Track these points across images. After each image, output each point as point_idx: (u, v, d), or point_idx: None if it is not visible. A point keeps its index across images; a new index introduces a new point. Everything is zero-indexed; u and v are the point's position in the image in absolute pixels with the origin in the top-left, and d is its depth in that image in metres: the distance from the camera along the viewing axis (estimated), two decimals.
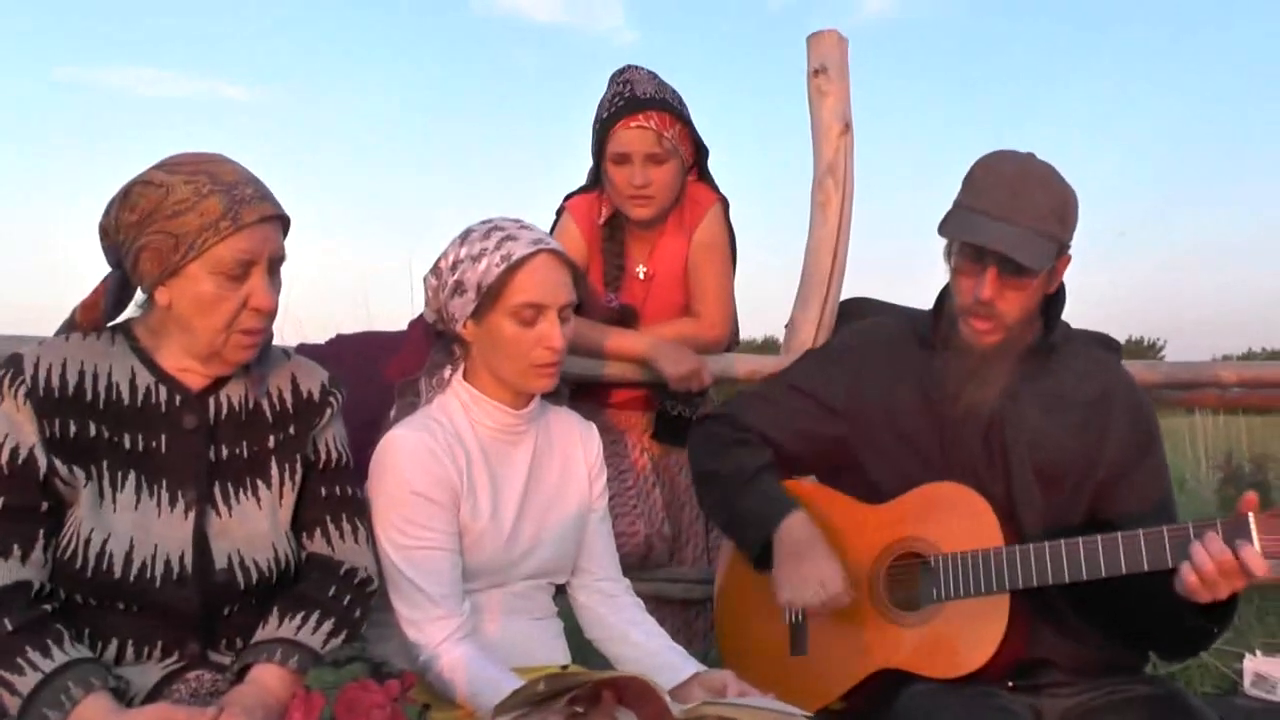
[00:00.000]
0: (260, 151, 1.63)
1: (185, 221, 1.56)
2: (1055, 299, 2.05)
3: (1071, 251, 2.00)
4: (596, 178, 2.74)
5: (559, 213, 2.80)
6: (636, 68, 2.68)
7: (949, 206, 2.00)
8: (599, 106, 2.66)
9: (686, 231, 2.74)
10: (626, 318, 2.70)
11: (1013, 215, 1.89)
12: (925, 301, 2.22)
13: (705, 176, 2.79)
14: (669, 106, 2.61)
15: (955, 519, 1.98)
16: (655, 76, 2.66)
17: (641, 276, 2.76)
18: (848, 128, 2.79)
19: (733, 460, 2.16)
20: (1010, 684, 1.94)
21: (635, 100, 2.59)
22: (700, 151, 2.74)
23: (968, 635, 1.92)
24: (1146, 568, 1.79)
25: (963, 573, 1.93)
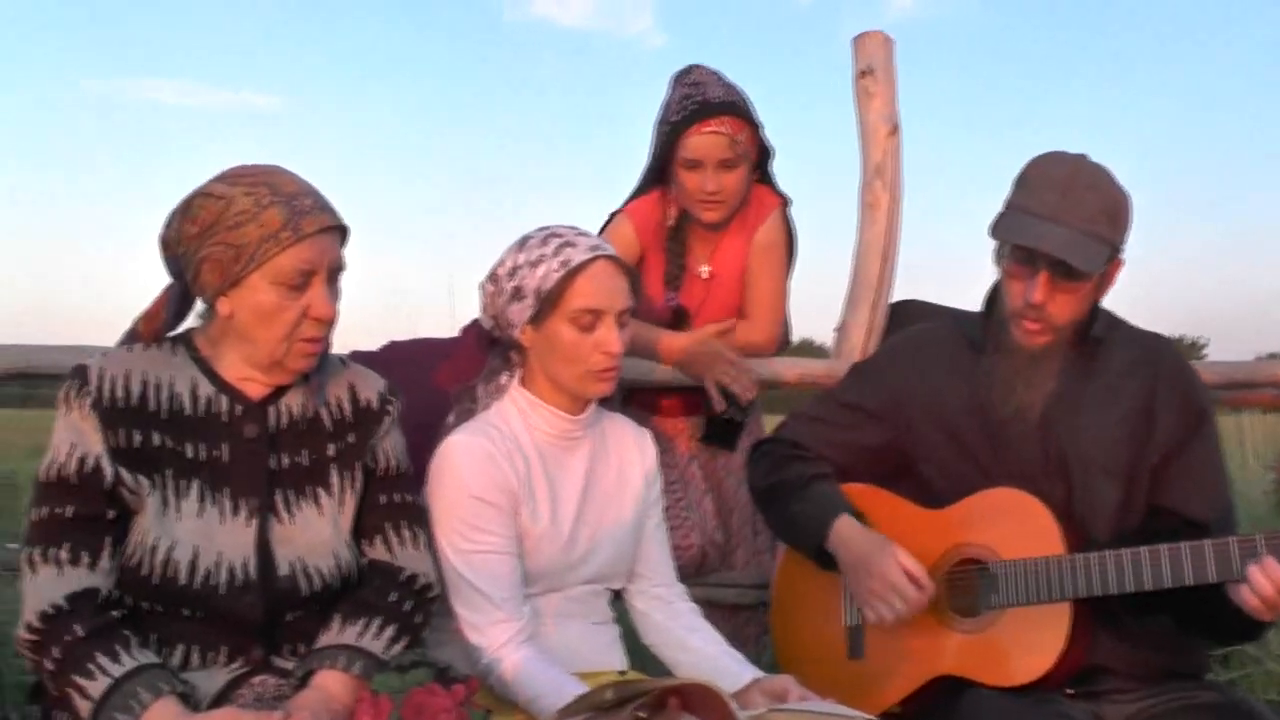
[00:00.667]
0: (292, 160, 1.65)
1: (246, 233, 1.57)
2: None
3: (1124, 256, 1.98)
4: (657, 178, 2.72)
5: (612, 215, 2.79)
6: (702, 67, 2.65)
7: (1000, 208, 1.98)
8: (665, 108, 2.64)
9: (748, 232, 2.73)
10: (679, 320, 2.70)
11: (1064, 217, 1.87)
12: (974, 303, 2.22)
13: (767, 177, 2.77)
14: (739, 110, 2.59)
15: (1014, 525, 1.97)
16: (722, 77, 2.64)
17: (704, 276, 2.75)
18: (895, 129, 2.78)
19: (789, 472, 2.16)
20: (1070, 691, 1.92)
21: (708, 105, 2.57)
22: (764, 152, 2.72)
23: (1028, 643, 1.90)
24: (1214, 579, 1.78)
25: (1024, 580, 1.92)
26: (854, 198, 2.83)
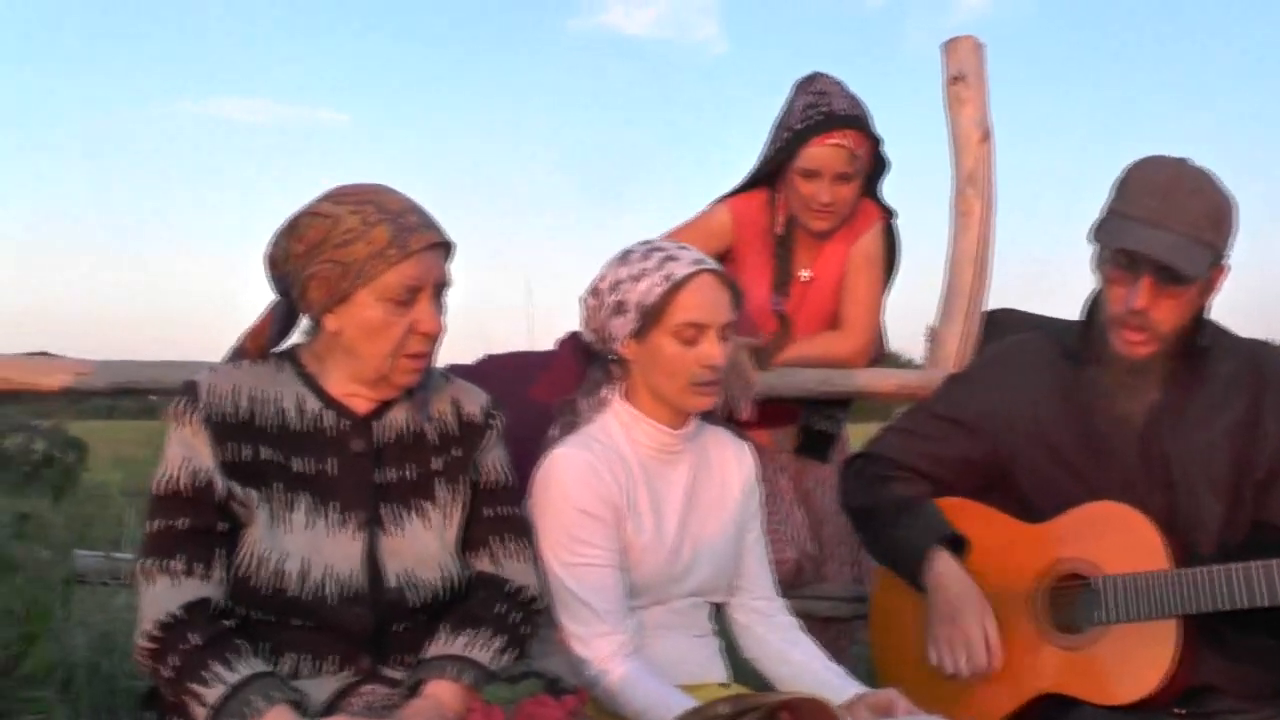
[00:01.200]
0: (361, 175, 1.68)
1: (353, 250, 1.60)
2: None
3: (1228, 263, 1.94)
4: (766, 179, 2.72)
5: (714, 203, 2.79)
6: (826, 76, 2.65)
7: (1099, 213, 1.95)
8: (788, 114, 2.64)
9: (850, 241, 2.72)
10: (783, 325, 2.70)
11: (1167, 221, 1.84)
12: (1071, 311, 2.19)
13: (873, 190, 2.76)
14: (862, 124, 2.59)
15: (1117, 539, 1.93)
16: (845, 88, 2.63)
17: (804, 279, 2.75)
18: (987, 135, 2.76)
19: (884, 493, 2.15)
20: (1178, 710, 1.88)
21: (833, 117, 2.56)
22: (877, 165, 2.72)
23: (1135, 660, 1.87)
24: None
25: (1130, 595, 1.88)
26: (937, 207, 2.82)
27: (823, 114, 2.56)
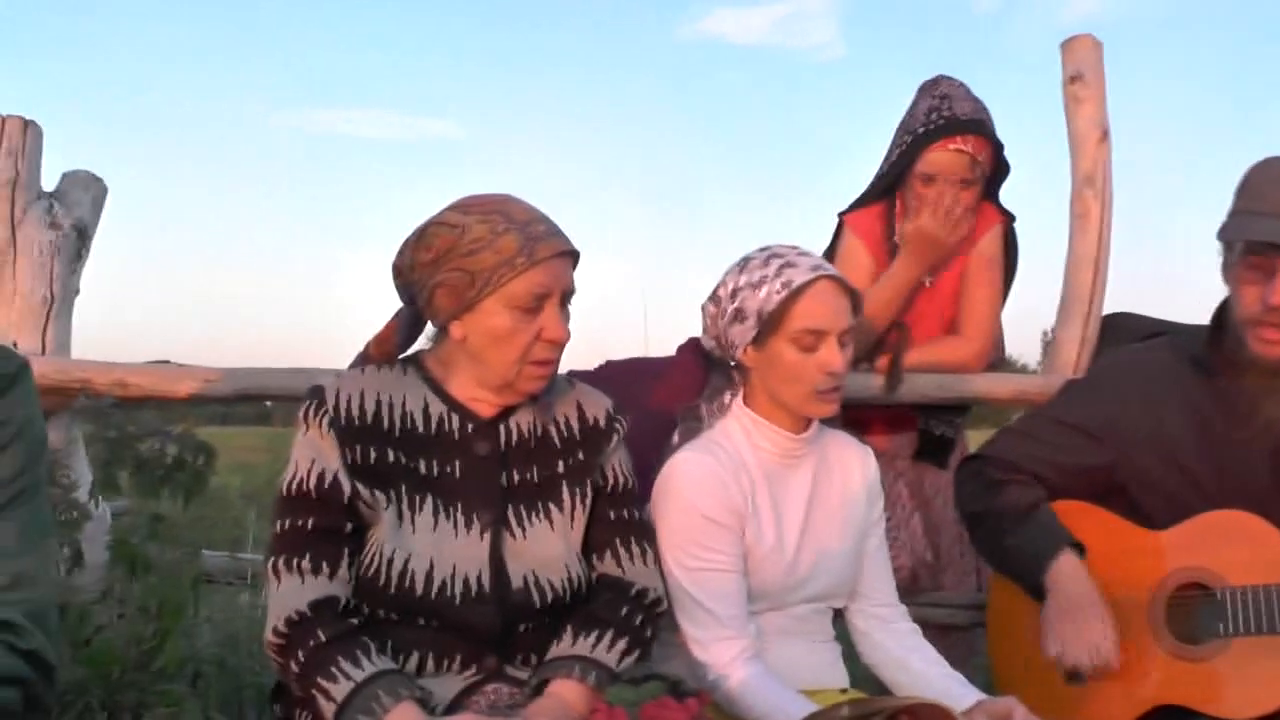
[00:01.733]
0: (475, 185, 1.70)
1: (482, 259, 1.63)
2: None
3: None
4: (888, 186, 2.70)
5: (838, 229, 2.79)
6: (950, 79, 2.64)
7: (1225, 217, 1.91)
8: (910, 117, 2.64)
9: (968, 245, 2.70)
10: (901, 334, 2.68)
11: None
12: (1191, 315, 2.14)
13: (992, 194, 2.73)
14: (985, 129, 2.57)
15: (1242, 549, 1.89)
16: (969, 91, 2.62)
17: (928, 284, 2.72)
18: (1105, 135, 2.71)
19: (1001, 498, 2.12)
20: None
21: (955, 121, 2.55)
22: (999, 169, 2.69)
23: (1259, 675, 1.83)
24: None
25: (1256, 607, 1.84)
26: (1051, 209, 2.79)
27: (945, 118, 2.55)
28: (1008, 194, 2.74)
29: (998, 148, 2.62)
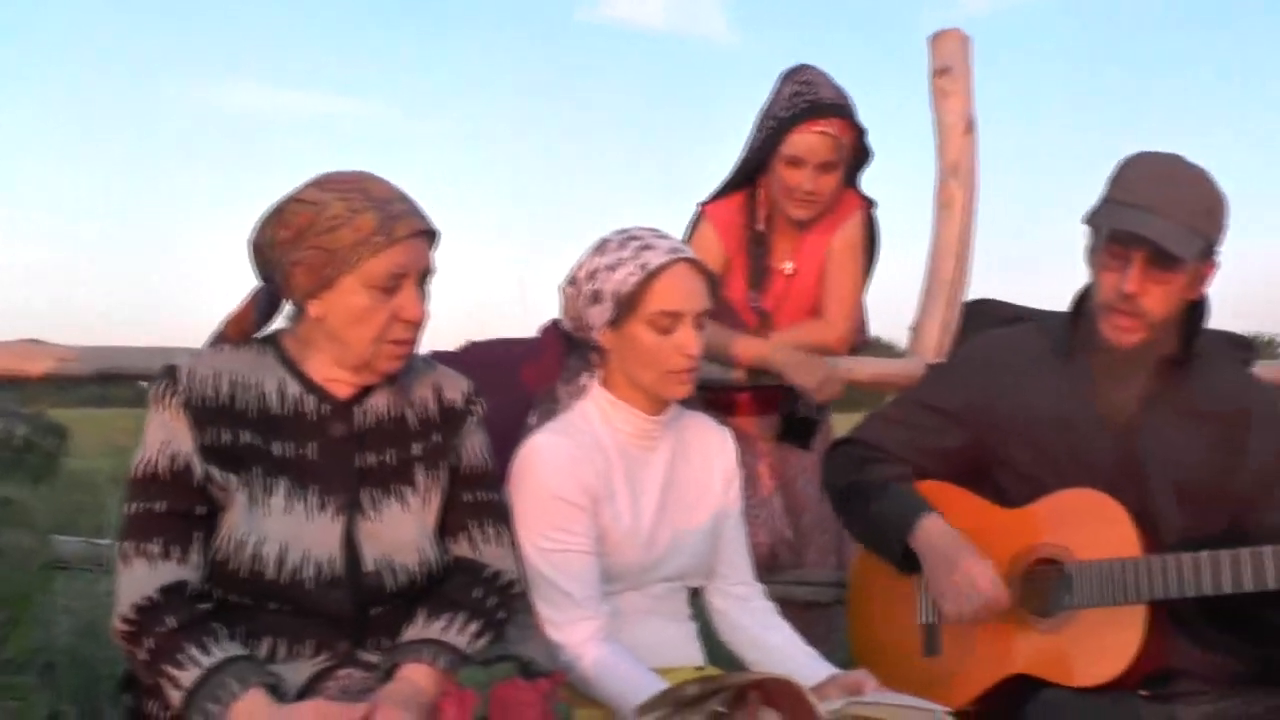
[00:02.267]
0: (361, 161, 1.69)
1: (339, 236, 1.60)
2: (1197, 310, 2.01)
3: (1218, 259, 1.96)
4: (750, 173, 2.72)
5: (696, 218, 2.81)
6: (813, 67, 2.66)
7: (1095, 203, 1.97)
8: (772, 103, 2.65)
9: (831, 231, 2.73)
10: (763, 321, 2.70)
11: (1160, 207, 1.87)
12: (1052, 302, 2.20)
13: (852, 180, 2.78)
14: (848, 113, 2.60)
15: (1093, 526, 1.96)
16: (831, 79, 2.64)
17: (788, 272, 2.75)
18: (971, 127, 2.77)
19: (867, 472, 2.17)
20: (1144, 693, 1.91)
21: (819, 105, 2.57)
22: (859, 156, 2.73)
23: (1104, 643, 1.90)
24: None
25: (1101, 581, 1.91)
26: (928, 196, 2.82)
27: (809, 101, 2.57)
28: (878, 181, 2.79)
29: (860, 133, 2.66)
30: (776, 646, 1.96)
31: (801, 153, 2.58)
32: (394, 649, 1.65)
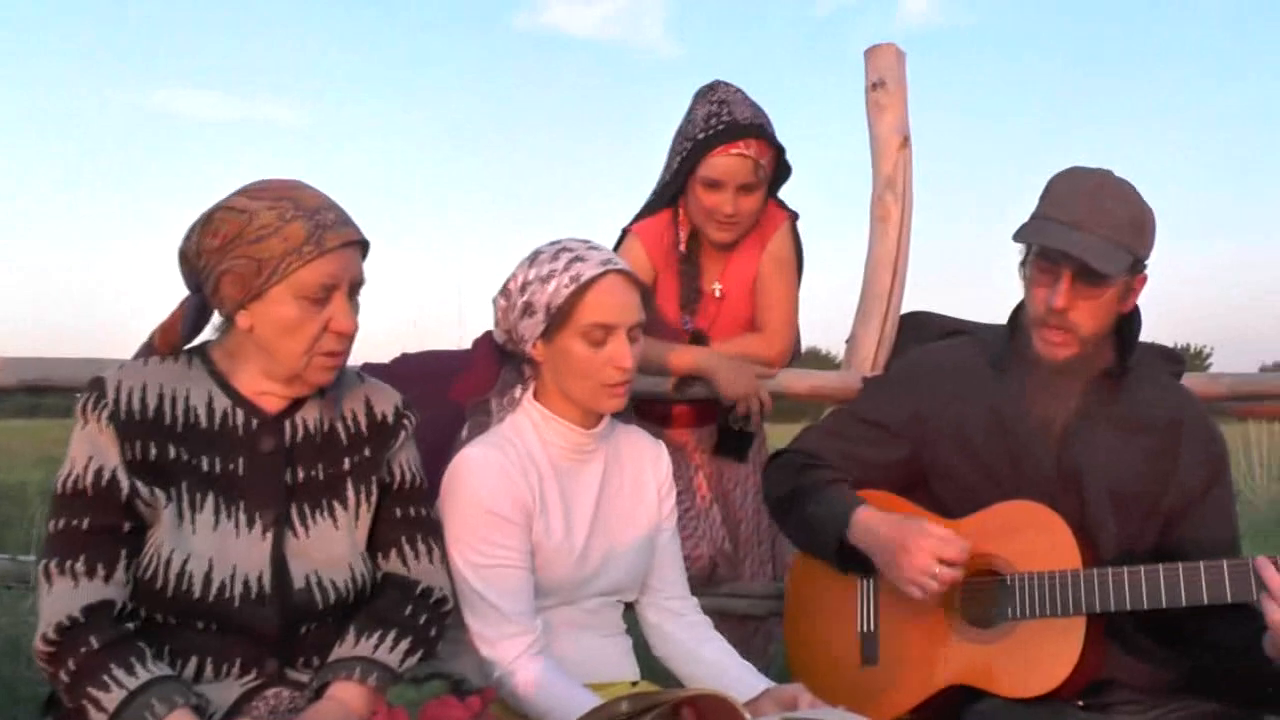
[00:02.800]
0: (298, 170, 1.66)
1: (269, 246, 1.58)
2: (1130, 323, 2.04)
3: (1148, 273, 1.99)
4: (672, 195, 2.70)
5: (623, 235, 2.78)
6: (727, 85, 2.64)
7: (1026, 219, 2.00)
8: (689, 123, 2.63)
9: (758, 248, 2.72)
10: (698, 342, 2.69)
11: (1087, 223, 1.90)
12: (987, 315, 2.21)
13: (773, 192, 2.77)
14: (765, 133, 2.58)
15: (1033, 538, 1.97)
16: (746, 96, 2.62)
17: (717, 294, 2.74)
18: (906, 141, 2.78)
19: (805, 478, 2.17)
20: (1080, 703, 1.93)
21: (735, 126, 2.54)
22: (780, 171, 2.72)
23: (1043, 655, 1.91)
24: (1230, 599, 1.79)
25: (1041, 593, 1.93)
26: (864, 209, 2.83)
27: (725, 123, 2.55)
28: (814, 194, 2.78)
29: (779, 151, 2.66)
30: (711, 660, 1.96)
31: (719, 175, 2.56)
32: (324, 667, 1.63)
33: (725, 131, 2.54)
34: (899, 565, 1.96)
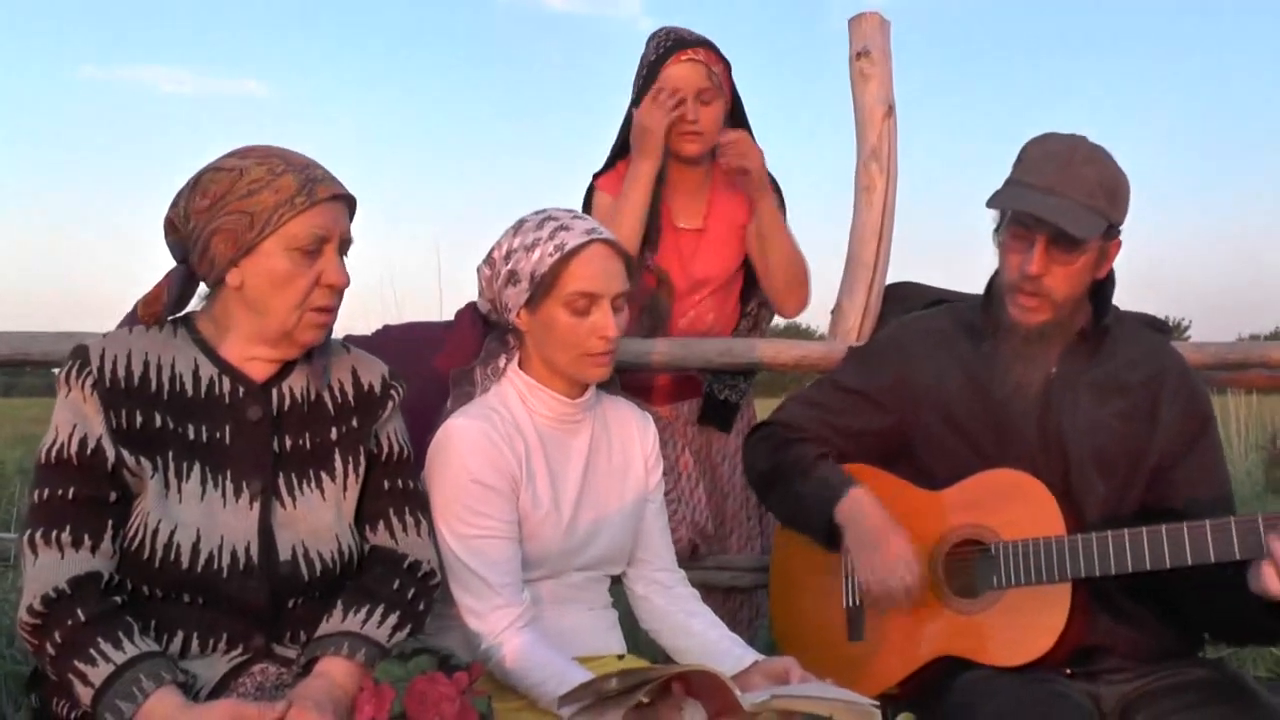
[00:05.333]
0: (281, 141, 1.67)
1: (261, 199, 1.58)
2: (1105, 285, 2.04)
3: (1122, 238, 1.99)
4: (623, 150, 2.70)
5: (589, 192, 2.78)
6: (674, 27, 2.67)
7: (1000, 185, 1.99)
8: (641, 60, 2.65)
9: (737, 191, 2.70)
10: (660, 281, 2.68)
11: (1062, 189, 1.90)
12: (973, 285, 2.21)
13: (747, 127, 2.73)
14: (713, 46, 2.62)
15: (1016, 506, 1.97)
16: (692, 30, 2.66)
17: (696, 228, 2.72)
18: (891, 111, 2.77)
19: (789, 452, 2.16)
20: (1068, 670, 1.93)
21: (683, 39, 2.59)
22: (737, 103, 2.71)
23: (1030, 623, 1.92)
24: (1214, 559, 1.78)
25: (1026, 561, 1.93)
26: (849, 180, 2.81)
27: (673, 39, 2.60)
28: (800, 164, 2.77)
29: (727, 66, 2.66)
30: (699, 633, 1.96)
31: (676, 84, 2.57)
32: (311, 642, 1.61)
33: (673, 45, 2.59)
34: (870, 558, 1.99)
